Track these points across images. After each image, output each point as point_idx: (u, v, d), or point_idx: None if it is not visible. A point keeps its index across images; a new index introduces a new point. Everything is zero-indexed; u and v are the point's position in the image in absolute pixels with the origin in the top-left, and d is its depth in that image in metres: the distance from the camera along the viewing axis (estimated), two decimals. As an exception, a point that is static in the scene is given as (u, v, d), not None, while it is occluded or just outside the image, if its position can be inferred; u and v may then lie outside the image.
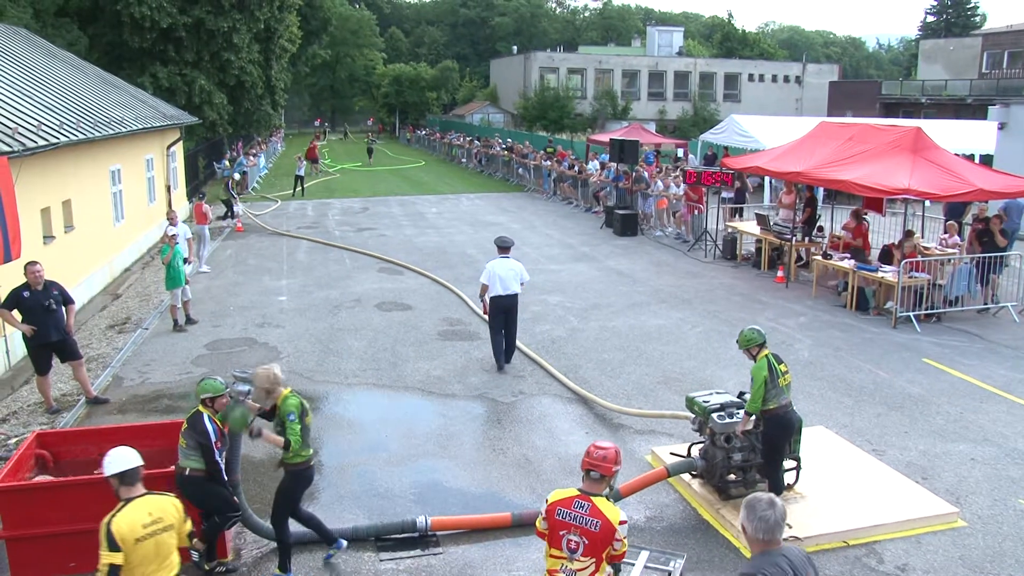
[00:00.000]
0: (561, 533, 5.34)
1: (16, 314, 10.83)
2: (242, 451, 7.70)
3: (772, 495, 4.69)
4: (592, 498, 5.34)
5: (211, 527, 7.29)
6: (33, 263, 10.93)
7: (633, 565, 6.90)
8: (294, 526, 7.59)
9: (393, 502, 8.77)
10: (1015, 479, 9.29)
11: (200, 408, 7.30)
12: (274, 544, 7.70)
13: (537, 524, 5.58)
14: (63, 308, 11.12)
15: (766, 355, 8.19)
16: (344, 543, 7.71)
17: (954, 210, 19.55)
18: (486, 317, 13.18)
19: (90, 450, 8.31)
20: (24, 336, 10.95)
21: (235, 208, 27.24)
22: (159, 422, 9.41)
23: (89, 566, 7.35)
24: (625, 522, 5.35)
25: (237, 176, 34.30)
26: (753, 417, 8.32)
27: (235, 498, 7.45)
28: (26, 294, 10.77)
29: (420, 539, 7.99)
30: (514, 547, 7.93)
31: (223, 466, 7.22)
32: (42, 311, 10.80)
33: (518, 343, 14.01)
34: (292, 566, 7.45)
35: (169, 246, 14.94)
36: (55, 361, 11.21)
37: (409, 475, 9.39)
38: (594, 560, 5.29)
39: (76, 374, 11.49)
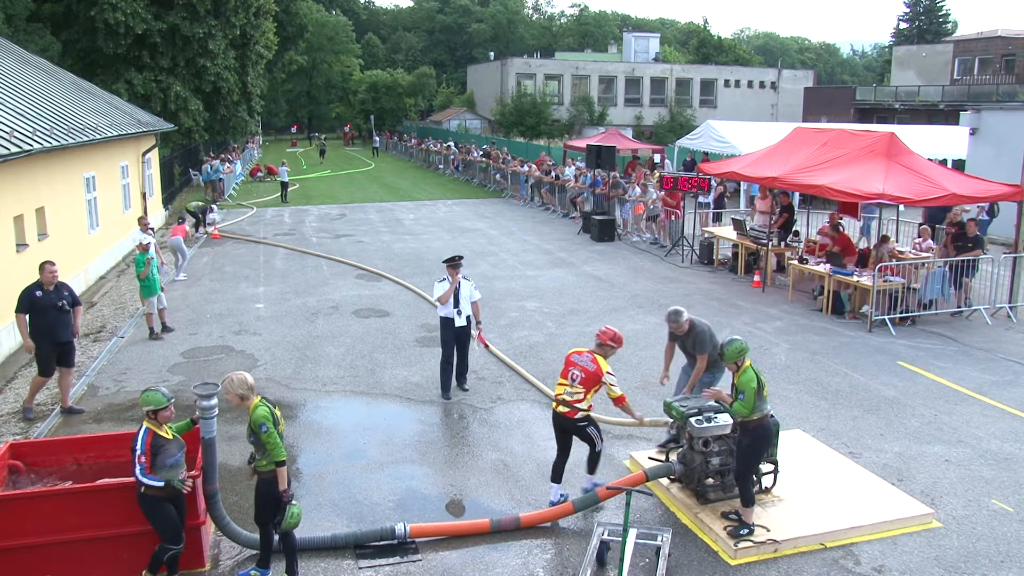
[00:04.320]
0: (570, 369, 8.55)
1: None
2: (218, 460, 7.64)
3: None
4: (594, 353, 8.53)
5: (154, 557, 7.10)
6: (49, 263, 10.92)
7: (625, 543, 7.19)
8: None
9: (372, 509, 8.74)
10: (988, 480, 9.40)
11: (144, 421, 7.14)
12: (252, 552, 7.67)
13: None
14: (72, 310, 11.14)
15: (750, 365, 8.07)
16: (270, 574, 7.51)
17: (934, 216, 19.74)
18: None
19: (64, 460, 8.23)
20: (35, 335, 10.84)
21: (208, 216, 27.08)
22: (134, 431, 9.31)
23: (64, 577, 7.33)
24: (612, 373, 8.44)
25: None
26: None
27: (197, 519, 7.33)
28: (39, 294, 10.75)
29: (399, 546, 7.96)
30: (493, 552, 7.91)
31: (150, 483, 6.92)
32: (55, 311, 10.81)
33: (494, 348, 14.03)
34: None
35: (144, 255, 14.82)
36: (28, 370, 11.10)
37: (388, 482, 9.36)
38: (584, 391, 8.38)
39: (62, 381, 11.36)
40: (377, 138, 71.90)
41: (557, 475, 8.81)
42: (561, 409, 8.46)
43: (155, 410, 7.12)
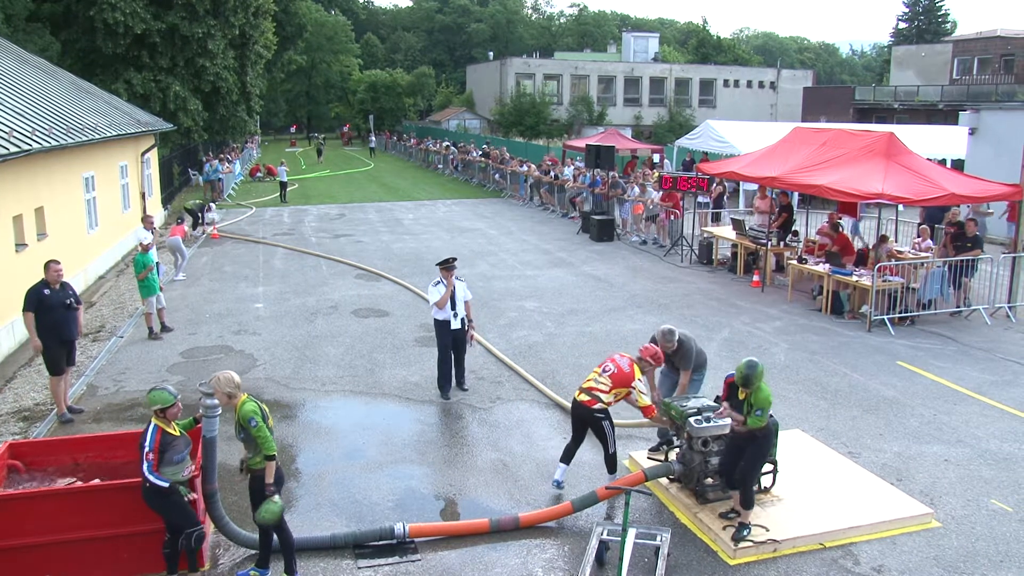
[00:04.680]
0: (606, 362, 8.94)
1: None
2: (218, 460, 7.63)
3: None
4: (634, 362, 8.82)
5: (174, 547, 7.16)
6: (55, 261, 10.97)
7: (625, 542, 7.24)
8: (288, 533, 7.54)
9: (371, 509, 8.74)
10: (987, 479, 9.40)
11: (152, 419, 7.20)
12: (251, 552, 7.67)
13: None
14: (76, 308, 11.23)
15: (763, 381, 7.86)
16: (269, 574, 7.51)
17: (932, 216, 19.74)
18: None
19: (63, 460, 8.23)
20: (43, 334, 10.78)
21: (206, 215, 27.10)
22: (134, 431, 9.31)
23: (63, 577, 7.32)
24: (642, 381, 8.75)
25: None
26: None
27: (197, 514, 7.35)
28: (47, 292, 10.78)
29: (398, 546, 7.96)
30: (492, 552, 7.91)
31: (156, 483, 6.98)
32: (63, 308, 10.87)
33: (493, 348, 14.03)
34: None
35: (144, 257, 14.80)
36: (26, 370, 11.08)
37: (387, 482, 9.36)
38: (611, 386, 8.70)
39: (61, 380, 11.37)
40: (373, 138, 71.81)
41: (567, 457, 9.14)
42: (582, 397, 8.83)
43: (163, 408, 7.17)
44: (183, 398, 7.48)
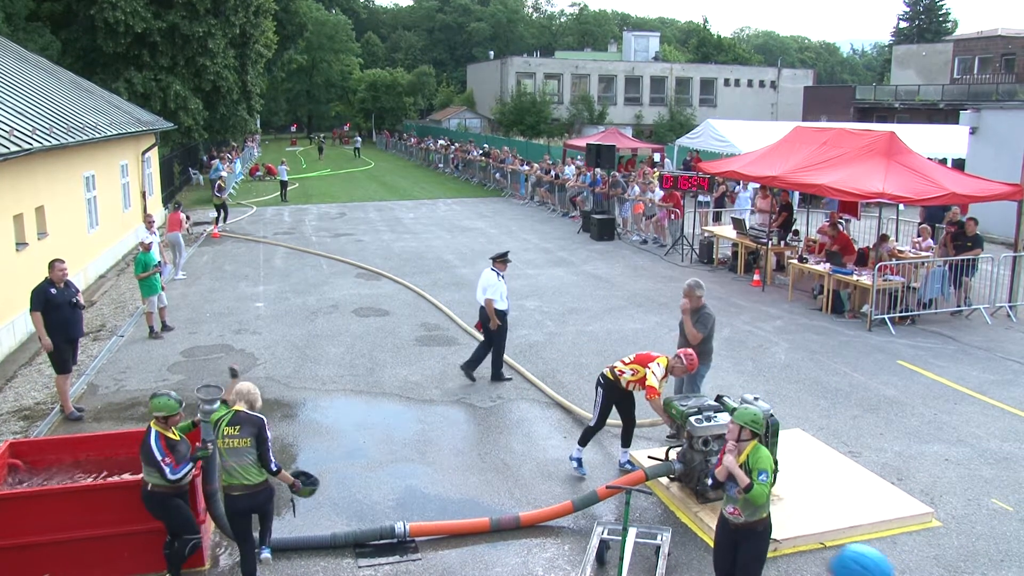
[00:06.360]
0: (634, 350, 9.77)
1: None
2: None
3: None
4: (665, 355, 9.14)
5: (173, 555, 7.17)
6: (59, 260, 10.96)
7: (625, 542, 7.27)
8: (278, 532, 7.56)
9: (372, 508, 8.74)
10: (988, 479, 9.40)
11: (151, 424, 7.16)
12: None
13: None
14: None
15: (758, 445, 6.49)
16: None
17: (933, 215, 19.73)
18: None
19: (64, 459, 8.23)
20: (50, 332, 10.75)
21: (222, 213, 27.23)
22: (134, 430, 9.31)
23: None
24: (659, 366, 8.92)
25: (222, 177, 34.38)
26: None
27: (197, 518, 7.37)
28: (53, 291, 10.77)
29: (399, 545, 7.96)
30: (492, 551, 7.92)
31: (181, 478, 7.01)
32: (70, 307, 10.91)
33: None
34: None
35: (144, 257, 14.80)
36: (27, 369, 11.08)
37: (387, 481, 9.36)
38: (633, 364, 9.12)
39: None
40: (359, 138, 71.46)
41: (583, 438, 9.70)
42: (604, 369, 9.56)
43: (166, 416, 7.17)
44: (184, 398, 7.47)
